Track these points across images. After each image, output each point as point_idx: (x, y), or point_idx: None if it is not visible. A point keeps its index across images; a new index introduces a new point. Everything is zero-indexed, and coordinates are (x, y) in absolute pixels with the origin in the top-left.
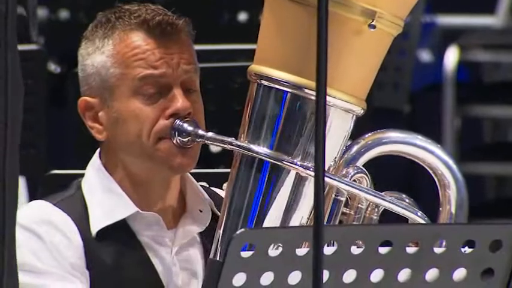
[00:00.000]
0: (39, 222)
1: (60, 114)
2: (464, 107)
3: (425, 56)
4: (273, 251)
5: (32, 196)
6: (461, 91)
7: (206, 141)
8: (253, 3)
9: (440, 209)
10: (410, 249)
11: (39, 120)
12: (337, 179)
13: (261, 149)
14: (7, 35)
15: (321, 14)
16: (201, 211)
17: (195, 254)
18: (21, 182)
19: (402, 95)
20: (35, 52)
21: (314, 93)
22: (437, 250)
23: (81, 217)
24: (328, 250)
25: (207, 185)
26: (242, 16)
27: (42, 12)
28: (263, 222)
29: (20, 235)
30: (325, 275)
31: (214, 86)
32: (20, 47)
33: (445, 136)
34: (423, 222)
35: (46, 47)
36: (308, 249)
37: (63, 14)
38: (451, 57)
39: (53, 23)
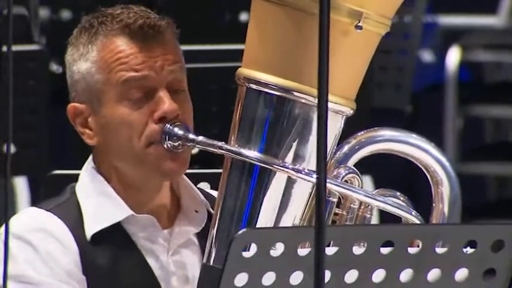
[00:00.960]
0: (32, 230)
1: (62, 115)
2: (465, 107)
3: (427, 56)
4: (275, 251)
5: (34, 196)
6: (463, 91)
7: (196, 146)
8: None
9: (434, 205)
10: (412, 250)
11: (41, 120)
12: (328, 180)
13: (252, 153)
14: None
15: (322, 19)
16: (196, 212)
17: (192, 255)
18: (23, 182)
19: (404, 96)
20: (37, 52)
21: (303, 95)
22: (439, 250)
23: (76, 222)
24: (329, 250)
25: (209, 186)
26: (243, 16)
27: (44, 13)
28: (255, 225)
29: (14, 244)
30: (327, 275)
31: (215, 86)
32: (22, 47)
33: (446, 136)
34: (417, 221)
35: (48, 47)
36: (310, 249)
37: (65, 14)
38: (453, 57)
39: (54, 23)
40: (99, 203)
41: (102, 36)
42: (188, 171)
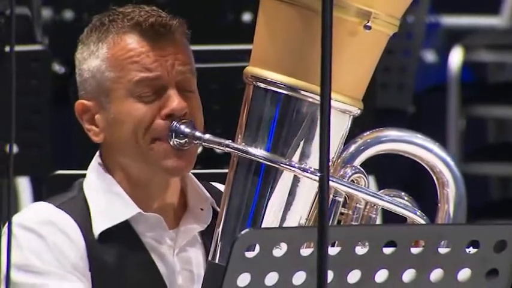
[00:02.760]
0: (41, 222)
1: (65, 115)
2: (468, 108)
3: (429, 56)
4: (278, 251)
5: (37, 196)
6: (466, 91)
7: (203, 143)
8: (258, 3)
9: (439, 205)
10: (415, 250)
11: (43, 120)
12: (335, 180)
13: (258, 152)
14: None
15: (325, 18)
16: (202, 210)
17: (197, 254)
18: (26, 183)
19: (406, 96)
20: (40, 52)
21: (310, 94)
22: (442, 250)
23: (83, 219)
24: (332, 250)
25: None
26: (246, 16)
27: (46, 13)
28: (261, 223)
29: (22, 236)
30: (330, 275)
31: (218, 86)
32: (25, 48)
33: (449, 136)
34: (422, 221)
35: (50, 48)
36: (312, 249)
37: (68, 14)
38: (456, 57)
39: (57, 23)
40: (107, 201)
41: (112, 34)
42: (191, 171)
